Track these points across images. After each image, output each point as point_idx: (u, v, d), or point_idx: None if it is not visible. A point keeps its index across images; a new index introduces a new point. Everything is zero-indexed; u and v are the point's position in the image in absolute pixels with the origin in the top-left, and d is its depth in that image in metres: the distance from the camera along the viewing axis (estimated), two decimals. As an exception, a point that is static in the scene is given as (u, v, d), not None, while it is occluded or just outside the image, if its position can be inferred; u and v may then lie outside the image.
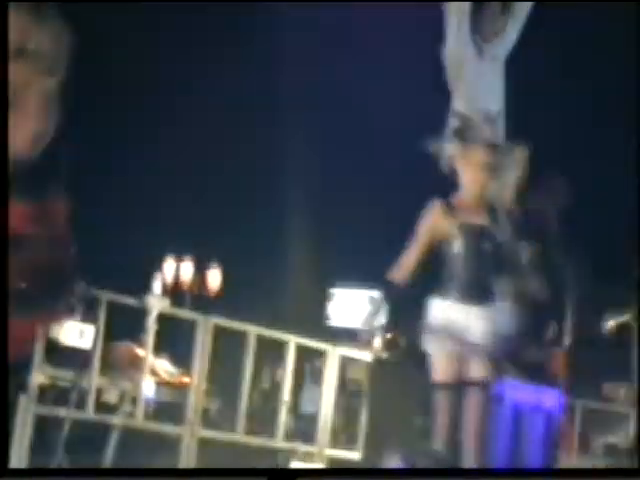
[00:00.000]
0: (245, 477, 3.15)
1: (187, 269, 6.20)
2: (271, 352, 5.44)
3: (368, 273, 5.24)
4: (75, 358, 4.59)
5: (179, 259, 6.31)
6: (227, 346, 4.83)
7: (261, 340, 4.87)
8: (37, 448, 4.38)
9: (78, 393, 4.46)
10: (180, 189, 7.45)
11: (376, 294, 5.44)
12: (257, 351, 4.82)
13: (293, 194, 8.40)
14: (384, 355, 4.97)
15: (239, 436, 4.75)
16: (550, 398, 4.40)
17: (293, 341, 5.21)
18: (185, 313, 5.19)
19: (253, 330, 4.84)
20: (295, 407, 5.81)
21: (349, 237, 7.31)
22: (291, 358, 5.20)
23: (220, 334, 4.79)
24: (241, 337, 4.80)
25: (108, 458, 4.63)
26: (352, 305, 6.70)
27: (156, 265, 5.82)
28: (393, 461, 4.15)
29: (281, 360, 5.16)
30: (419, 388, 4.26)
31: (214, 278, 6.44)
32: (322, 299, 7.35)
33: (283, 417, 5.07)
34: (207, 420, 5.22)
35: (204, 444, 4.72)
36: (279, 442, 5.10)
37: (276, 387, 5.55)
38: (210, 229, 6.62)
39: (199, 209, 7.23)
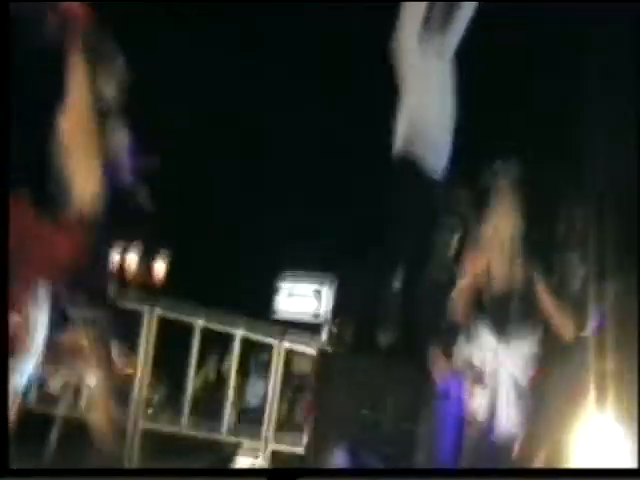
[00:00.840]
0: (245, 477, 3.34)
1: (132, 259, 6.11)
2: (218, 344, 5.42)
3: (316, 267, 5.27)
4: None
5: (124, 249, 6.22)
6: (173, 338, 4.81)
7: (207, 333, 4.86)
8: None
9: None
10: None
11: (323, 287, 5.48)
12: (203, 343, 4.82)
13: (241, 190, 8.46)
14: (330, 348, 5.00)
15: (183, 429, 4.73)
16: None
17: (239, 334, 5.18)
18: (131, 304, 5.14)
19: (199, 323, 4.82)
20: (240, 400, 5.81)
21: (297, 231, 7.36)
22: (237, 351, 5.17)
23: (166, 326, 4.76)
24: (187, 329, 4.78)
25: (50, 449, 4.58)
26: (299, 298, 6.66)
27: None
28: (339, 455, 4.19)
29: (227, 353, 5.16)
30: (367, 381, 4.30)
31: (160, 269, 6.38)
32: (270, 292, 7.33)
33: (228, 410, 5.06)
34: (152, 411, 5.18)
35: (148, 436, 4.68)
36: (224, 436, 5.08)
37: (221, 380, 5.54)
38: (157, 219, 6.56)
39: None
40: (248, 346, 5.54)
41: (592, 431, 4.47)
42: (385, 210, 4.18)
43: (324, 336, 5.23)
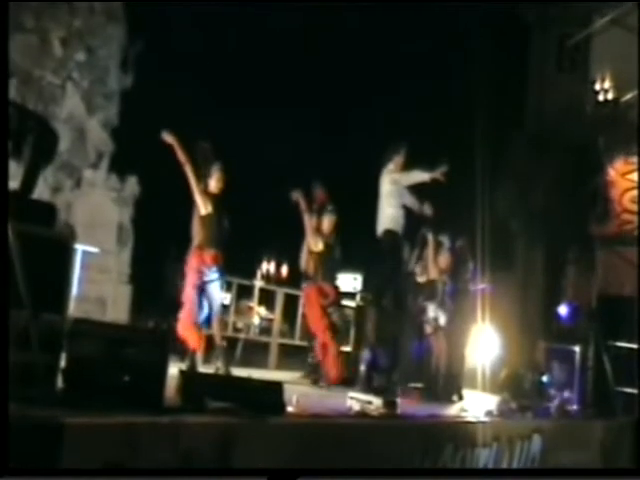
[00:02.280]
0: (245, 477, 3.74)
1: (272, 266, 11.75)
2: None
3: (352, 267, 10.47)
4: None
5: (270, 261, 11.88)
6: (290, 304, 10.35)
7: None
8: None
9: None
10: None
11: (357, 276, 10.87)
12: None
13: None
14: (361, 304, 10.21)
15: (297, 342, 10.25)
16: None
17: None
18: (272, 287, 10.74)
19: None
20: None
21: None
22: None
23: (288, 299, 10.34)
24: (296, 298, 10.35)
25: (238, 355, 10.06)
26: (347, 280, 12.15)
27: (257, 266, 11.34)
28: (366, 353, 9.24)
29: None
30: (379, 320, 9.43)
31: (285, 271, 11.96)
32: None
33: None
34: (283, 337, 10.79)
35: (282, 348, 10.26)
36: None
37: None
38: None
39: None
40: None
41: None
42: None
43: (358, 299, 10.41)
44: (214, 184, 7.02)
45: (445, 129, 15.78)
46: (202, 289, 6.93)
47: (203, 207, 6.92)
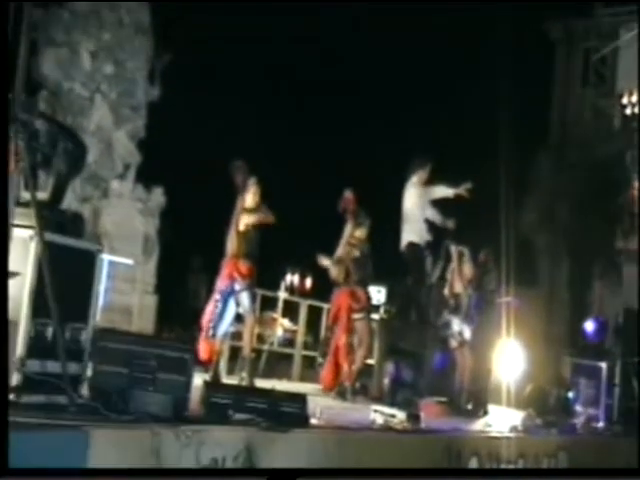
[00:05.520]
0: (245, 477, 3.76)
1: (296, 278, 11.75)
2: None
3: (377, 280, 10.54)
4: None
5: (292, 273, 11.85)
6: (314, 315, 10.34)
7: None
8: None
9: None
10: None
11: (381, 289, 10.80)
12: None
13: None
14: (384, 316, 10.23)
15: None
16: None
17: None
18: (296, 299, 10.74)
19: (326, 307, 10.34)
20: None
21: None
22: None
23: (311, 309, 10.33)
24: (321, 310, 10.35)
25: (261, 366, 10.04)
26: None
27: (281, 278, 11.32)
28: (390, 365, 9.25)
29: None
30: (400, 331, 9.42)
31: (309, 283, 11.95)
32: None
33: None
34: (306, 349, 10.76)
35: (306, 359, 10.23)
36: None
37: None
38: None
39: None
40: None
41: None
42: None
43: (382, 312, 10.36)
44: (251, 199, 7.02)
45: (470, 144, 15.75)
46: (228, 299, 6.93)
47: (242, 224, 6.92)
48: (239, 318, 7.20)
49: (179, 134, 13.60)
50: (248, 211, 7.00)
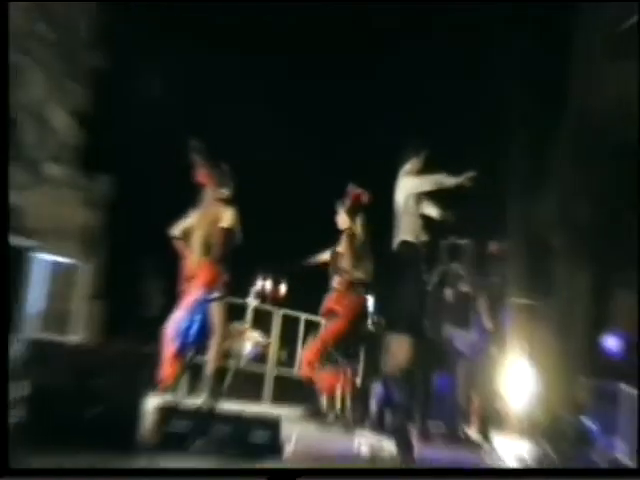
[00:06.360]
0: (245, 477, 3.93)
1: (268, 283, 11.75)
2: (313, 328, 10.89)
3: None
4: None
5: (264, 278, 11.84)
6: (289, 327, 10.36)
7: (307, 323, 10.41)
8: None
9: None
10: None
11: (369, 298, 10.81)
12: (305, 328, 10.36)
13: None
14: (373, 329, 10.29)
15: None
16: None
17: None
18: (268, 308, 10.75)
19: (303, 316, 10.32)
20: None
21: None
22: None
23: (286, 320, 10.34)
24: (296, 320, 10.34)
25: (227, 384, 10.02)
26: None
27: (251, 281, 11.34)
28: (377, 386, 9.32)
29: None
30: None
31: (283, 288, 12.01)
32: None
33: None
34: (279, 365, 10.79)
35: (278, 379, 10.25)
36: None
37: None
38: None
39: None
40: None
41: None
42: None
43: (369, 324, 10.41)
44: (224, 191, 7.26)
45: (474, 129, 15.79)
46: (198, 309, 6.95)
47: (224, 217, 7.10)
48: (204, 331, 7.19)
49: (132, 109, 13.41)
50: (224, 204, 7.13)
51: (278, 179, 15.43)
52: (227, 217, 7.14)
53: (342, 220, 8.72)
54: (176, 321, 6.97)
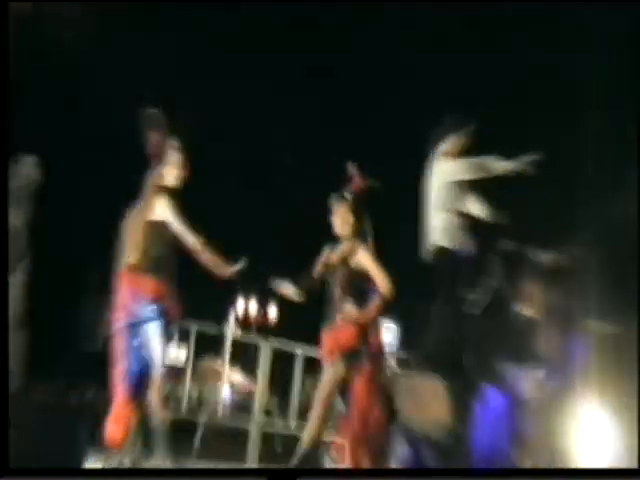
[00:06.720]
0: (245, 477, 4.62)
1: (253, 306, 11.49)
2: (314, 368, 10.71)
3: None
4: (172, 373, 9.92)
5: (247, 298, 11.64)
6: (283, 363, 10.19)
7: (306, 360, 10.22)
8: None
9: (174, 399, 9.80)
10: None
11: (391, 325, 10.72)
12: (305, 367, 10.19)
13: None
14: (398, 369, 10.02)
15: (293, 431, 10.06)
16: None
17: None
18: (253, 339, 10.56)
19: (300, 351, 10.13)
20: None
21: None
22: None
23: (276, 354, 10.17)
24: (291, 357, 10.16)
25: (195, 447, 9.92)
26: None
27: (230, 302, 11.19)
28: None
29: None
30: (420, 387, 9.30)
31: (273, 312, 11.74)
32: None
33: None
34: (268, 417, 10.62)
35: (266, 436, 10.08)
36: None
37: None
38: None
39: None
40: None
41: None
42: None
43: (393, 362, 10.25)
44: (171, 173, 7.01)
45: (537, 107, 15.66)
46: (136, 333, 6.76)
47: (155, 213, 6.85)
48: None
49: (67, 70, 13.29)
50: (166, 193, 6.94)
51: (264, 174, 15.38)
52: (159, 206, 6.89)
53: (341, 221, 7.69)
54: (122, 352, 6.75)
